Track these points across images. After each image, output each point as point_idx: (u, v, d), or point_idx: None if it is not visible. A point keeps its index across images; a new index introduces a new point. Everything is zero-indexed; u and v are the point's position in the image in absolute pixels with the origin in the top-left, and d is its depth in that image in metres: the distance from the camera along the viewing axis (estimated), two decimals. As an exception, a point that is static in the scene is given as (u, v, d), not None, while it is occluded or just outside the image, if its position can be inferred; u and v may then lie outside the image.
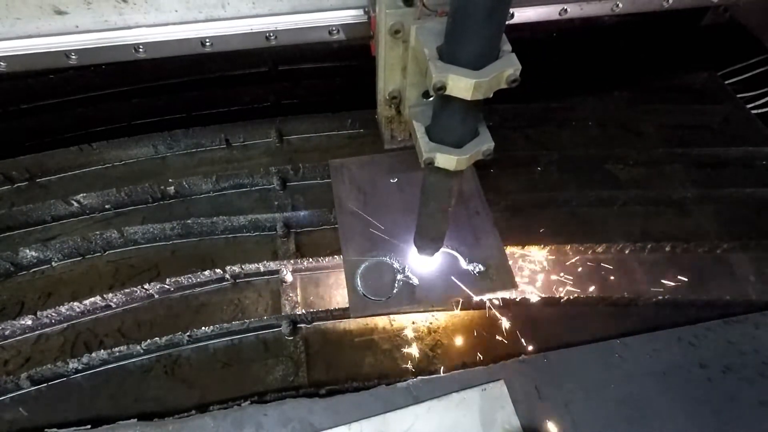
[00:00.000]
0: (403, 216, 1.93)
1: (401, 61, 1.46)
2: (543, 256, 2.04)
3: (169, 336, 1.78)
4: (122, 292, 1.87)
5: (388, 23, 1.35)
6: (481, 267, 1.87)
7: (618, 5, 1.83)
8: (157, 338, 1.77)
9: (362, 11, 1.61)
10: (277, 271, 1.96)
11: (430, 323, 1.90)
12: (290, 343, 1.84)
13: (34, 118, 2.52)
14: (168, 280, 1.89)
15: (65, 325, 1.87)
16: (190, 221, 2.05)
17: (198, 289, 1.96)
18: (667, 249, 2.09)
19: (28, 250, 1.97)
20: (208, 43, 1.61)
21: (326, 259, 1.96)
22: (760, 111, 2.70)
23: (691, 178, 2.38)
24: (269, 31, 1.62)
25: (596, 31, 2.76)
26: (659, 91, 2.75)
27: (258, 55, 2.64)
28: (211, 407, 1.63)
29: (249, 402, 1.63)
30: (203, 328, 1.80)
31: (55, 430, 1.59)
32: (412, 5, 1.31)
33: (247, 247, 2.09)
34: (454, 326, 1.90)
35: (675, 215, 2.24)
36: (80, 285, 1.95)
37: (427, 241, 1.73)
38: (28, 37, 1.48)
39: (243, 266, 1.92)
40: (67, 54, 1.53)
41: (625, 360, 1.70)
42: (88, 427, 1.56)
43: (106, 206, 2.14)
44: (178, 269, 1.95)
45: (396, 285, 1.82)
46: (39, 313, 1.81)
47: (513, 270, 1.89)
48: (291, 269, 1.95)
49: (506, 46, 1.07)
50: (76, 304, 1.83)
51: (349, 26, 1.63)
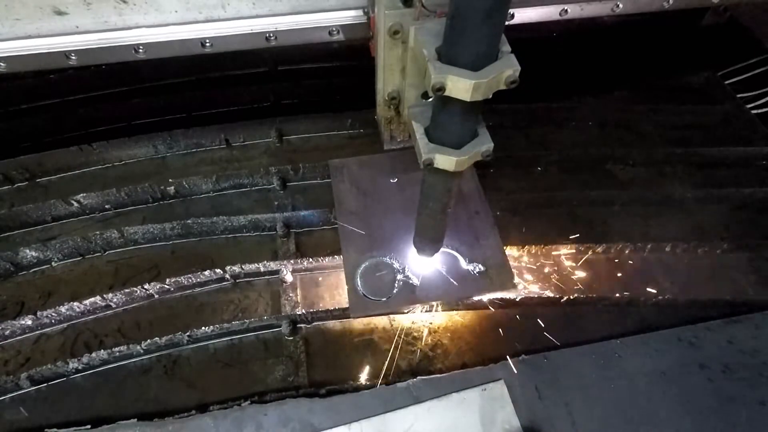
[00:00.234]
0: (404, 216, 1.93)
1: (400, 62, 1.46)
2: (543, 256, 2.04)
3: (169, 336, 1.78)
4: (122, 292, 1.87)
5: (387, 24, 1.35)
6: (481, 267, 1.87)
7: (618, 5, 1.83)
8: (157, 338, 1.77)
9: (362, 12, 1.61)
10: (277, 271, 1.96)
11: (430, 323, 1.90)
12: (290, 343, 1.84)
13: (34, 118, 2.52)
14: (168, 280, 1.89)
15: (65, 325, 1.87)
16: (190, 221, 2.05)
17: (198, 289, 1.96)
18: (667, 249, 2.09)
19: (28, 250, 1.97)
20: (208, 44, 1.61)
21: (326, 259, 1.96)
22: (760, 111, 2.69)
23: (691, 178, 2.37)
24: (269, 32, 1.62)
25: (596, 30, 2.75)
26: (659, 91, 2.75)
27: (258, 55, 2.64)
28: (211, 407, 1.63)
29: (249, 402, 1.63)
30: (203, 328, 1.80)
31: (55, 430, 1.59)
32: (411, 6, 1.31)
33: (247, 247, 2.09)
34: (454, 326, 1.89)
35: (675, 215, 2.23)
36: (80, 285, 1.95)
37: (427, 241, 1.73)
38: (28, 37, 1.47)
39: (243, 266, 1.92)
40: (67, 54, 1.53)
41: (625, 360, 1.70)
42: (88, 427, 1.56)
43: (106, 206, 2.15)
44: (178, 269, 1.95)
45: (396, 285, 1.83)
46: (39, 313, 1.81)
47: (513, 270, 1.90)
48: (291, 269, 1.95)
49: (505, 47, 1.06)
50: (76, 304, 1.83)
51: (348, 27, 1.63)
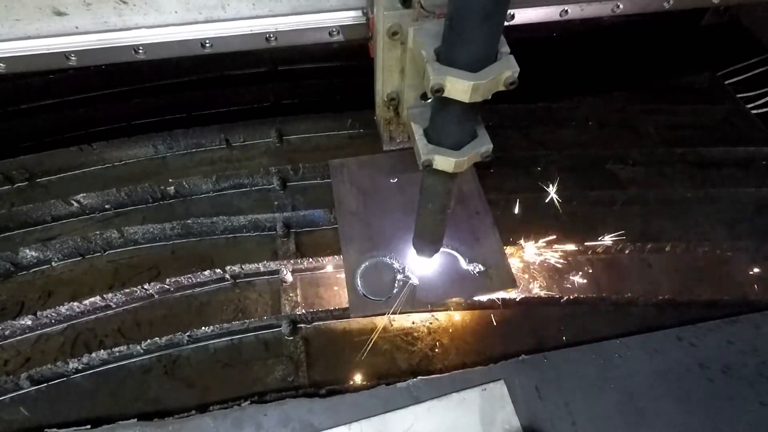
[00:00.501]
0: (404, 216, 1.93)
1: (399, 63, 1.45)
2: (543, 255, 2.05)
3: (169, 336, 1.78)
4: (122, 292, 1.87)
5: (386, 25, 1.34)
6: (481, 267, 1.87)
7: (619, 6, 1.82)
8: (157, 338, 1.78)
9: (361, 12, 1.61)
10: (277, 271, 1.96)
11: (430, 323, 1.90)
12: (290, 343, 1.84)
13: (34, 118, 2.52)
14: (168, 280, 1.89)
15: (65, 325, 1.87)
16: (190, 221, 2.05)
17: (198, 289, 1.96)
18: (667, 249, 2.09)
19: (28, 250, 1.97)
20: (208, 45, 1.60)
21: (326, 259, 1.96)
22: (760, 111, 2.69)
23: (691, 178, 2.38)
24: (269, 33, 1.61)
25: (596, 30, 2.75)
26: (659, 91, 2.75)
27: (258, 56, 2.65)
28: (211, 407, 1.63)
29: (249, 402, 1.63)
30: (203, 328, 1.80)
31: (55, 430, 1.59)
32: (410, 7, 1.30)
33: (247, 247, 2.09)
34: (454, 326, 1.90)
35: (675, 215, 2.23)
36: (80, 285, 1.95)
37: (426, 242, 1.73)
38: (28, 38, 1.47)
39: (243, 266, 1.93)
40: (66, 55, 1.52)
41: (625, 360, 1.70)
42: (88, 427, 1.56)
43: (106, 206, 2.15)
44: (178, 269, 1.95)
45: (396, 285, 1.83)
46: (39, 313, 1.81)
47: (512, 270, 1.90)
48: (291, 269, 1.95)
49: (504, 48, 1.06)
50: (76, 304, 1.83)
51: (348, 27, 1.63)
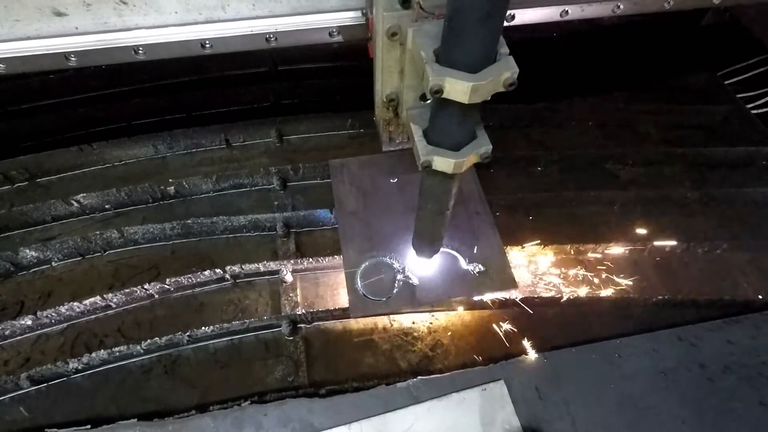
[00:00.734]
0: (404, 216, 1.93)
1: (398, 64, 1.45)
2: (543, 256, 2.04)
3: (169, 336, 1.79)
4: (122, 292, 1.87)
5: (385, 25, 1.34)
6: (481, 267, 1.87)
7: (619, 6, 1.82)
8: (157, 338, 1.78)
9: (360, 13, 1.61)
10: (277, 271, 1.96)
11: (430, 323, 1.90)
12: (290, 343, 1.85)
13: (34, 118, 2.52)
14: (168, 280, 1.90)
15: (65, 325, 1.87)
16: (190, 221, 2.05)
17: (198, 289, 1.96)
18: (668, 249, 2.09)
19: (28, 250, 1.97)
20: (208, 45, 1.60)
21: (326, 259, 1.96)
22: (760, 111, 2.69)
23: (691, 178, 2.37)
24: (269, 33, 1.61)
25: (596, 31, 2.75)
26: (659, 91, 2.74)
27: (258, 56, 2.64)
28: (211, 407, 1.64)
29: (249, 402, 1.63)
30: (203, 328, 1.80)
31: (55, 430, 1.59)
32: (409, 7, 1.29)
33: (247, 247, 2.09)
34: (454, 326, 1.90)
35: (675, 215, 2.23)
36: (80, 285, 1.95)
37: (425, 243, 1.72)
38: (28, 39, 1.47)
39: (243, 266, 1.93)
40: (66, 56, 1.52)
41: (625, 360, 1.70)
42: (88, 427, 1.57)
43: (106, 206, 2.15)
44: (178, 269, 1.96)
45: (396, 285, 1.83)
46: (39, 313, 1.81)
47: (512, 270, 1.90)
48: (291, 269, 1.95)
49: (504, 49, 1.05)
50: (76, 304, 1.84)
51: (348, 28, 1.63)
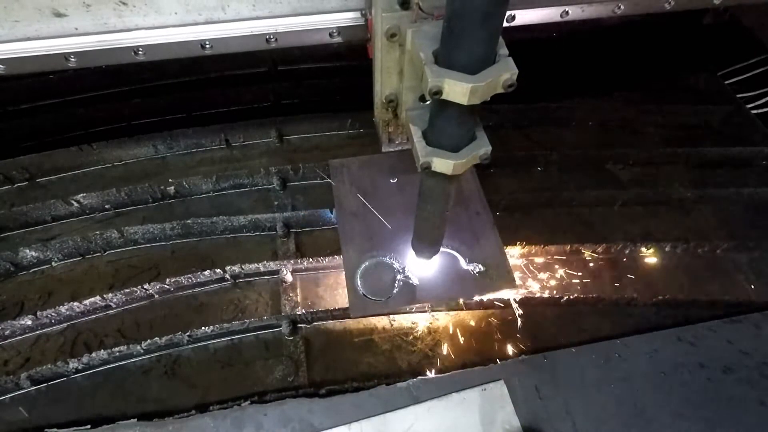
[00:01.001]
0: (404, 216, 1.93)
1: (398, 65, 1.44)
2: (543, 256, 2.05)
3: (169, 336, 1.79)
4: (122, 292, 1.88)
5: (384, 26, 1.34)
6: (481, 267, 1.86)
7: (620, 7, 1.81)
8: (157, 338, 1.78)
9: (360, 14, 1.61)
10: (277, 271, 1.96)
11: (430, 323, 1.90)
12: (290, 343, 1.85)
13: (34, 118, 2.52)
14: (168, 280, 1.90)
15: (65, 325, 1.87)
16: (190, 221, 2.05)
17: (198, 289, 1.97)
18: (667, 249, 2.09)
19: (28, 250, 1.97)
20: (207, 46, 1.60)
21: (326, 259, 1.96)
22: (760, 111, 2.69)
23: (691, 178, 2.38)
24: (269, 34, 1.60)
25: (596, 31, 2.75)
26: (659, 91, 2.74)
27: (258, 55, 2.64)
28: (211, 407, 1.64)
29: (249, 402, 1.63)
30: (203, 328, 1.80)
31: (55, 430, 1.59)
32: (408, 8, 1.29)
33: (247, 247, 2.09)
34: (454, 326, 1.90)
35: (675, 215, 2.24)
36: (80, 285, 1.95)
37: (425, 244, 1.72)
38: (27, 39, 1.47)
39: (243, 266, 1.93)
40: (66, 56, 1.52)
41: (625, 360, 1.70)
42: (88, 427, 1.57)
43: (106, 206, 2.15)
44: (178, 269, 1.96)
45: (396, 285, 1.82)
46: (39, 313, 1.81)
47: (513, 270, 1.90)
48: (291, 269, 1.96)
49: (503, 50, 1.05)
50: (76, 304, 1.84)
51: (348, 29, 1.62)
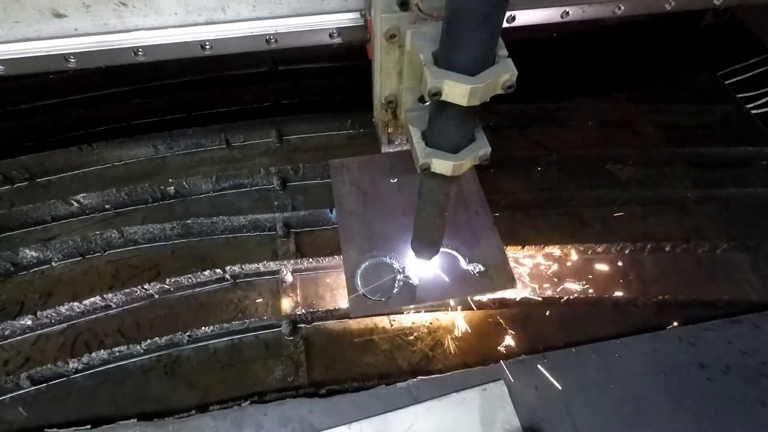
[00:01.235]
0: (404, 216, 1.93)
1: (397, 66, 1.45)
2: (543, 256, 2.05)
3: (169, 336, 1.79)
4: (122, 292, 1.87)
5: (384, 27, 1.34)
6: (481, 267, 1.86)
7: (620, 7, 1.81)
8: (157, 338, 1.78)
9: (359, 15, 1.61)
10: (277, 271, 1.96)
11: (430, 323, 1.90)
12: (290, 343, 1.85)
13: (34, 118, 2.52)
14: (168, 280, 1.90)
15: (65, 325, 1.87)
16: (190, 221, 2.05)
17: (198, 289, 1.97)
18: (667, 249, 2.09)
19: (28, 250, 1.97)
20: (207, 46, 1.60)
21: (326, 259, 1.96)
22: (760, 111, 2.69)
23: (691, 178, 2.38)
24: (269, 34, 1.60)
25: (596, 31, 2.75)
26: (659, 91, 2.74)
27: (258, 56, 2.64)
28: (211, 407, 1.64)
29: (249, 402, 1.63)
30: (203, 328, 1.80)
31: (55, 430, 1.59)
32: (407, 9, 1.29)
33: (247, 247, 2.09)
34: (454, 326, 1.90)
35: (675, 215, 2.24)
36: (80, 285, 1.95)
37: (424, 245, 1.72)
38: (27, 40, 1.47)
39: (243, 266, 1.93)
40: (66, 57, 1.52)
41: (625, 360, 1.70)
42: (88, 427, 1.57)
43: (106, 206, 2.15)
44: (178, 269, 1.96)
45: (396, 285, 1.82)
46: (39, 313, 1.81)
47: (513, 270, 1.90)
48: (291, 269, 1.96)
49: (502, 51, 1.05)
50: (76, 304, 1.84)
51: (348, 29, 1.63)
